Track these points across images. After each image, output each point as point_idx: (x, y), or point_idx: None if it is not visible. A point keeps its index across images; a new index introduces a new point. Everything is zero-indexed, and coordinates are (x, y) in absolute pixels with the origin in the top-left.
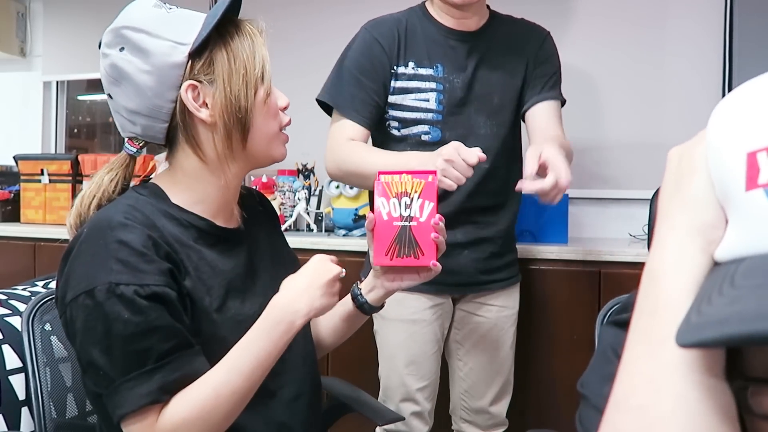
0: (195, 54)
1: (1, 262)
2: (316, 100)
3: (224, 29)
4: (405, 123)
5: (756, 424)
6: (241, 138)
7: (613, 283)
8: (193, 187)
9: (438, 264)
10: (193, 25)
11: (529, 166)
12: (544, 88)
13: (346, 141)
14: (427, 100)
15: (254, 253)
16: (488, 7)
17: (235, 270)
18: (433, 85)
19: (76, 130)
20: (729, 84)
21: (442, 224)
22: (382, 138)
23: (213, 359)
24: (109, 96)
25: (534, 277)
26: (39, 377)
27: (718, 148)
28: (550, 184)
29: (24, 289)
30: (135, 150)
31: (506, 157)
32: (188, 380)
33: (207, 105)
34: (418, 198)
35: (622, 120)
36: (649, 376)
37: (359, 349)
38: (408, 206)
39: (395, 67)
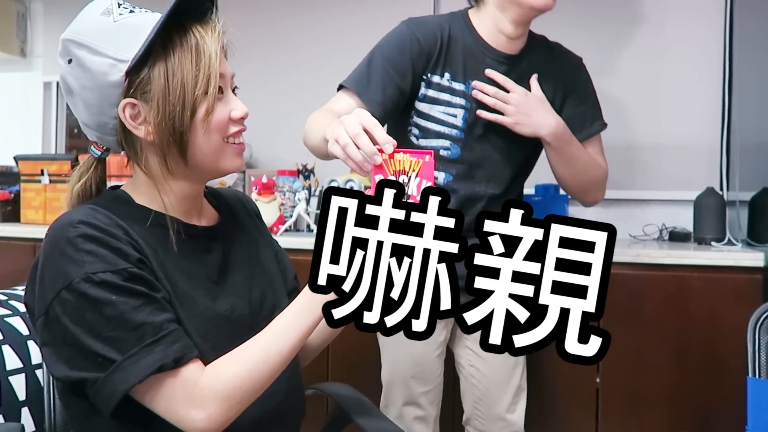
0: (133, 71)
1: (1, 262)
2: (340, 85)
3: (169, 40)
4: (426, 133)
5: None
6: (180, 156)
7: (613, 284)
8: (153, 193)
9: None
10: (138, 36)
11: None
12: (590, 124)
13: (326, 110)
14: (455, 116)
15: (229, 252)
16: None
17: (205, 268)
18: (462, 101)
19: (76, 130)
20: (729, 85)
21: None
22: (398, 144)
23: None
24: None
25: None
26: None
27: None
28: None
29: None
30: (99, 153)
31: (516, 183)
32: (189, 350)
33: (147, 121)
34: (416, 177)
35: (621, 120)
36: None
37: (360, 351)
38: (406, 184)
39: (429, 75)
